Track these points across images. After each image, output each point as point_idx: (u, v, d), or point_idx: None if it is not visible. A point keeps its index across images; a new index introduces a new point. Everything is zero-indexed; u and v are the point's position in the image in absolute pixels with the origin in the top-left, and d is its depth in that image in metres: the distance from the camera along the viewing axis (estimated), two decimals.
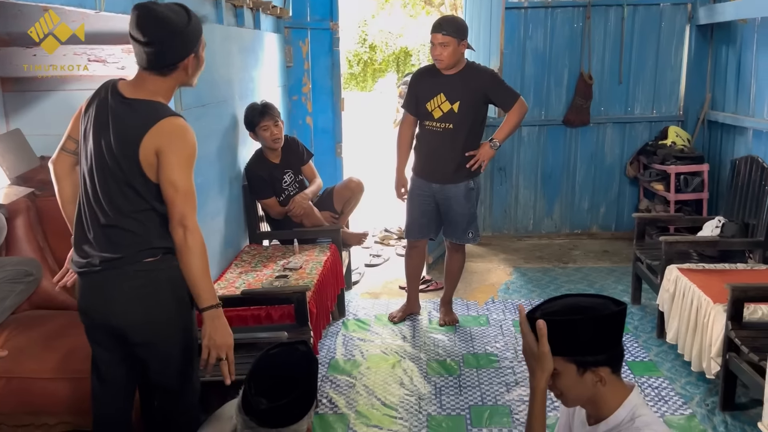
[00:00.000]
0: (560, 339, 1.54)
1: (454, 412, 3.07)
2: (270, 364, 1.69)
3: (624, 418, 1.57)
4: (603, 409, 1.59)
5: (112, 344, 2.15)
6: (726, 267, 3.55)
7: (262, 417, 1.57)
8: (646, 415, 1.56)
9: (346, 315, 4.20)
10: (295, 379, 1.62)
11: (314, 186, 4.18)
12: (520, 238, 5.80)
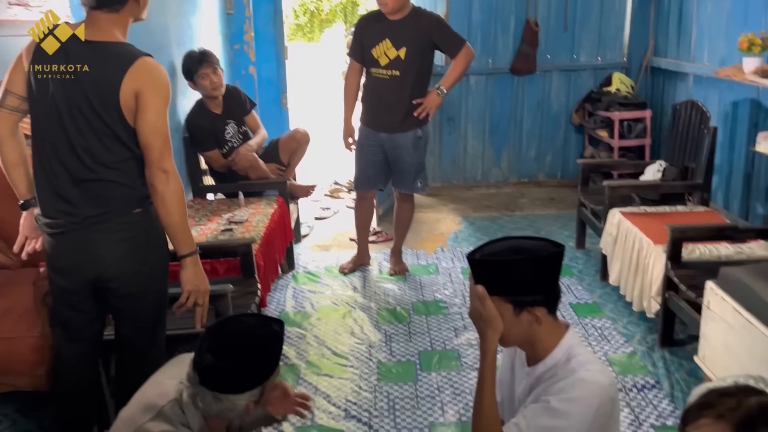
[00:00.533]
0: (498, 279, 1.54)
1: (404, 359, 3.10)
2: (235, 327, 1.61)
3: (560, 358, 1.59)
4: (540, 350, 1.61)
5: (89, 303, 2.11)
6: (666, 209, 3.64)
7: (203, 373, 1.52)
8: (582, 354, 1.58)
9: (296, 268, 4.16)
10: (251, 349, 1.54)
11: (259, 137, 4.08)
12: (469, 188, 5.83)
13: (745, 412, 1.00)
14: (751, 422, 0.98)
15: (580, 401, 1.48)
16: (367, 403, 2.75)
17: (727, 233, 2.97)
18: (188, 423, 1.53)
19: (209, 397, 1.51)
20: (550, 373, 1.60)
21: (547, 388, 1.57)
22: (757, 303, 2.16)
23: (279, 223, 3.70)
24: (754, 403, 1.00)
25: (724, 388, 1.06)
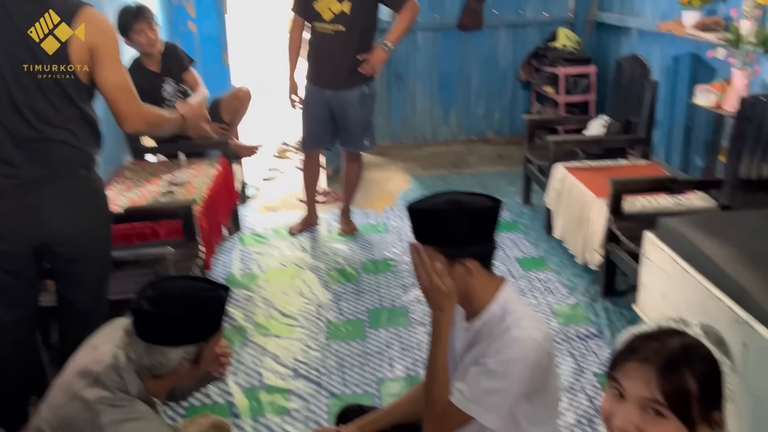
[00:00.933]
0: (434, 230, 1.53)
1: (353, 317, 3.10)
2: (180, 284, 1.57)
3: (496, 313, 1.60)
4: (476, 305, 1.61)
5: (31, 268, 2.04)
6: (609, 163, 3.70)
7: (138, 321, 1.47)
8: (517, 309, 1.59)
9: (243, 230, 4.09)
10: (190, 304, 1.50)
11: (199, 95, 3.93)
12: (419, 147, 5.80)
13: (669, 353, 1.01)
14: (675, 362, 1.00)
15: (516, 360, 1.51)
16: (316, 362, 2.75)
17: (666, 185, 3.03)
18: (126, 388, 1.48)
19: (141, 348, 1.46)
20: (488, 328, 1.61)
21: (484, 348, 1.58)
22: (693, 252, 2.22)
23: (222, 185, 3.61)
24: (677, 344, 1.02)
25: (648, 332, 1.07)
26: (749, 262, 2.04)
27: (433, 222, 1.54)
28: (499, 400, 1.54)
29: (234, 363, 2.75)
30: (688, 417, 0.99)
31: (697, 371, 0.99)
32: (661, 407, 0.99)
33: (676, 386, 0.99)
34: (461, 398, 1.57)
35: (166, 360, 1.47)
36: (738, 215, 2.63)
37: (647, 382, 1.00)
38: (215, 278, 3.46)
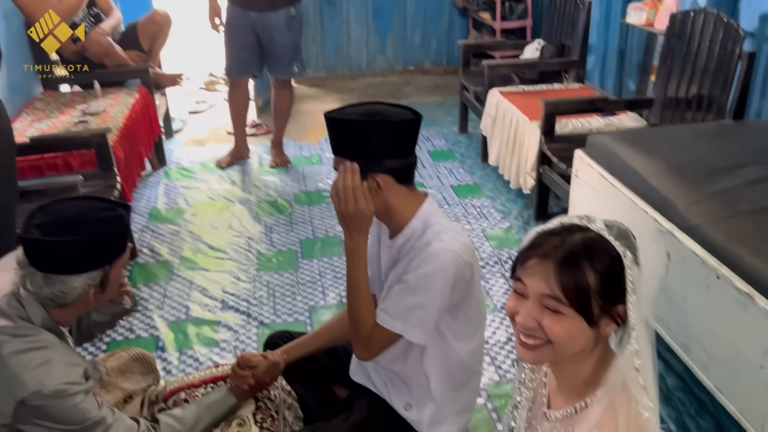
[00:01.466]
0: (349, 140, 1.46)
1: (285, 248, 3.02)
2: (71, 205, 1.43)
3: (417, 228, 1.55)
4: (397, 221, 1.56)
5: None
6: (543, 88, 3.66)
7: (30, 251, 1.34)
8: (437, 223, 1.54)
9: (168, 164, 3.91)
10: (85, 226, 1.37)
11: (112, 20, 3.67)
12: (354, 78, 5.64)
13: (568, 248, 0.99)
14: (574, 257, 0.98)
15: (436, 274, 1.47)
16: (245, 293, 2.67)
17: (597, 106, 3.01)
18: (28, 316, 1.37)
19: (39, 279, 1.34)
20: (409, 244, 1.56)
21: (406, 265, 1.54)
22: (620, 167, 2.21)
23: (142, 114, 3.41)
24: (577, 239, 0.99)
25: (551, 229, 1.04)
26: (673, 174, 2.04)
27: (348, 132, 1.46)
28: (423, 315, 1.51)
29: (159, 297, 2.65)
30: (588, 311, 0.97)
31: (597, 265, 0.97)
32: (560, 303, 0.97)
33: (574, 281, 0.97)
34: (385, 317, 1.54)
35: (69, 289, 1.36)
36: (664, 130, 2.64)
37: (546, 278, 0.98)
38: (138, 212, 3.30)
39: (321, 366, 1.96)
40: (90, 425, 1.37)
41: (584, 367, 1.04)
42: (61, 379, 1.32)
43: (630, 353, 0.98)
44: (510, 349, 2.32)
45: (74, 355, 1.45)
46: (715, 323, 1.71)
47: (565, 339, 0.99)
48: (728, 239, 1.72)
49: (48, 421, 1.34)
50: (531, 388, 1.22)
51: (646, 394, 0.99)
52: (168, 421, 1.54)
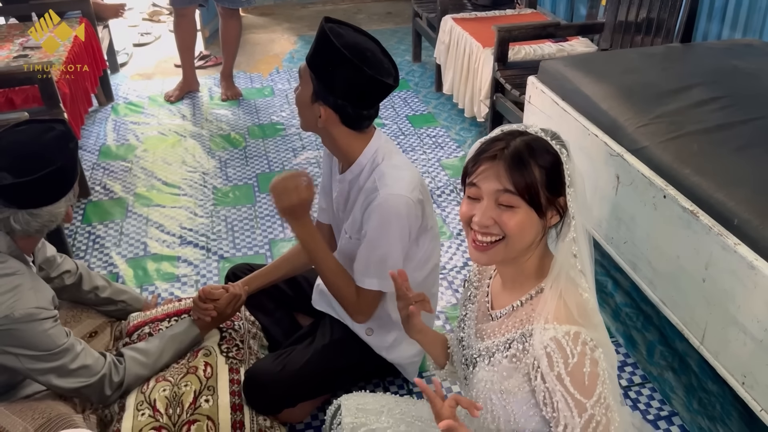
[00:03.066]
0: (322, 59, 1.47)
1: (241, 182, 3.00)
2: (18, 139, 1.41)
3: (365, 164, 1.58)
4: (347, 154, 1.59)
5: None
6: (496, 14, 3.64)
7: (7, 194, 1.34)
8: (385, 161, 1.57)
9: (115, 99, 3.78)
10: (47, 152, 1.38)
11: None
12: (304, 5, 5.49)
13: (514, 149, 1.07)
14: (521, 156, 1.06)
15: (389, 222, 1.53)
16: (203, 229, 2.66)
17: (549, 31, 3.01)
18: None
19: (25, 216, 1.37)
20: (359, 181, 1.60)
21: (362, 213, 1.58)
22: (572, 91, 2.24)
23: (86, 48, 3.26)
24: (520, 141, 1.08)
25: (494, 136, 1.13)
26: (623, 97, 2.08)
27: (326, 53, 1.46)
28: (392, 264, 1.56)
29: (115, 235, 2.62)
30: (537, 203, 1.06)
31: (540, 161, 1.07)
32: (512, 197, 1.06)
33: (524, 177, 1.05)
34: (361, 278, 1.61)
35: (55, 215, 1.42)
36: (614, 54, 2.67)
37: (498, 177, 1.06)
38: (88, 150, 3.21)
39: (283, 296, 2.00)
40: (59, 352, 1.39)
41: (530, 261, 1.14)
42: (30, 303, 1.34)
43: (569, 241, 1.09)
44: (466, 274, 2.39)
45: (41, 282, 1.46)
46: (661, 241, 1.79)
47: (518, 231, 1.08)
48: (674, 160, 1.78)
49: (18, 347, 1.36)
50: (476, 302, 1.29)
51: (583, 277, 1.10)
52: (132, 354, 1.57)
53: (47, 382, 1.43)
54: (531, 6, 3.71)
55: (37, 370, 1.41)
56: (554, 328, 1.05)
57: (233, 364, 1.75)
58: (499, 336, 1.16)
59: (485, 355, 1.17)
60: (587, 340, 1.04)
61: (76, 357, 1.45)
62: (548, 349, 1.04)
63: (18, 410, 1.50)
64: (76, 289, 1.85)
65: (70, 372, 1.44)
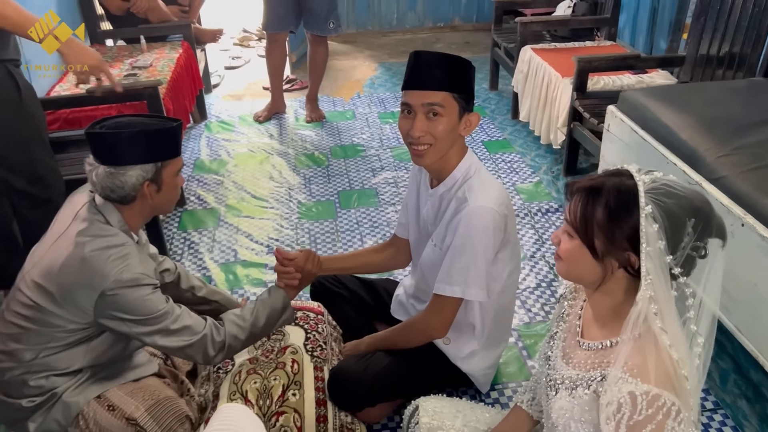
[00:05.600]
0: (449, 74, 1.58)
1: (324, 198, 3.17)
2: (129, 118, 1.60)
3: (458, 178, 1.68)
4: (446, 167, 1.69)
5: None
6: (575, 45, 3.71)
7: (93, 144, 1.50)
8: (475, 177, 1.67)
9: (209, 117, 4.05)
10: (141, 126, 1.54)
11: None
12: (385, 34, 5.70)
13: (597, 184, 1.11)
14: (595, 192, 1.10)
15: (476, 232, 1.63)
16: (288, 239, 2.83)
17: (629, 63, 3.07)
18: (106, 220, 1.55)
19: (102, 171, 1.51)
20: (450, 194, 1.70)
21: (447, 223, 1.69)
22: (651, 122, 2.30)
23: (186, 69, 3.53)
24: (613, 180, 1.10)
25: (609, 170, 1.16)
26: (703, 128, 2.13)
27: (460, 68, 1.59)
28: (475, 273, 1.65)
29: (208, 241, 2.82)
30: (591, 241, 1.10)
31: (609, 204, 1.08)
32: (571, 227, 1.13)
33: (584, 210, 1.10)
34: (443, 286, 1.70)
35: (125, 179, 1.51)
36: (696, 86, 2.70)
37: (571, 208, 1.14)
38: (184, 163, 3.46)
39: (364, 304, 2.12)
40: (160, 315, 1.53)
41: (611, 300, 1.16)
42: (137, 269, 1.50)
43: (645, 299, 1.06)
44: (540, 294, 2.46)
45: (146, 256, 1.62)
46: (738, 268, 1.81)
47: (566, 257, 1.15)
48: (753, 190, 1.82)
49: (123, 312, 1.50)
50: (568, 321, 1.35)
51: (665, 335, 1.07)
52: (230, 317, 1.70)
53: (154, 343, 1.56)
54: (610, 38, 3.77)
55: (143, 333, 1.54)
56: (636, 384, 1.05)
57: (317, 362, 1.88)
58: (583, 370, 1.19)
59: (568, 386, 1.21)
60: (665, 404, 1.04)
61: (177, 318, 1.57)
62: (622, 399, 1.06)
63: (129, 391, 1.67)
64: (175, 287, 2.01)
65: (172, 332, 1.56)
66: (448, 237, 1.70)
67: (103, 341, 1.61)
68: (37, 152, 2.17)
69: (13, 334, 1.56)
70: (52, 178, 2.23)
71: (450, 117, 1.59)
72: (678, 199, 1.06)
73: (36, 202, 2.20)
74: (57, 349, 1.57)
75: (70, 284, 1.50)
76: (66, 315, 1.52)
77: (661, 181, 1.08)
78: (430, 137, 1.60)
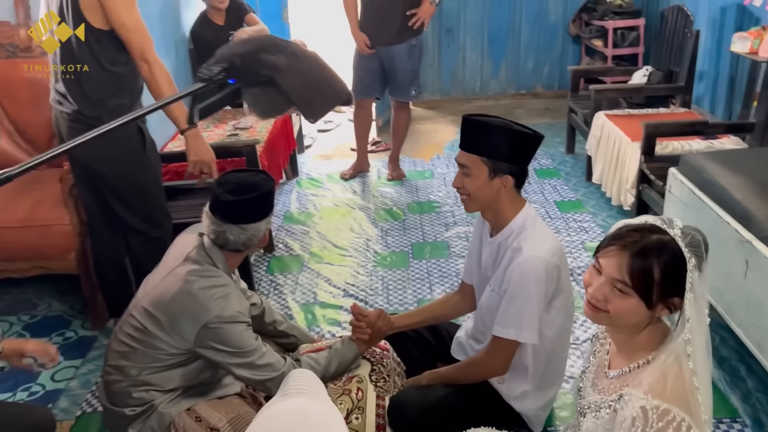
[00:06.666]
0: (485, 141, 1.77)
1: (398, 249, 3.40)
2: (236, 176, 1.89)
3: (515, 229, 1.86)
4: (501, 220, 1.87)
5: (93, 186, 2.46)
6: (649, 111, 3.83)
7: (227, 211, 1.77)
8: (530, 228, 1.83)
9: (300, 175, 4.42)
10: (257, 184, 1.82)
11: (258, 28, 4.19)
12: (468, 100, 5.98)
13: (643, 244, 1.22)
14: (646, 253, 1.21)
15: (529, 280, 1.78)
16: (363, 285, 3.07)
17: (697, 128, 3.17)
18: (213, 261, 1.82)
19: (236, 230, 1.78)
20: (507, 243, 1.87)
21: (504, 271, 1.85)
22: (708, 183, 2.40)
23: (282, 131, 3.92)
24: (653, 238, 1.23)
25: (635, 225, 1.28)
26: (757, 189, 2.21)
27: (486, 134, 1.77)
28: (528, 317, 1.81)
29: (292, 284, 3.10)
30: (649, 297, 1.22)
31: (662, 263, 1.20)
32: (626, 287, 1.22)
33: (643, 272, 1.21)
34: (500, 328, 1.86)
35: (257, 232, 1.82)
36: (755, 151, 2.77)
37: (620, 266, 1.23)
38: (275, 215, 3.80)
39: (427, 344, 2.30)
40: (250, 350, 1.78)
41: (638, 336, 1.29)
42: (235, 308, 1.75)
43: (683, 340, 1.20)
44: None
45: (242, 295, 1.88)
46: None
47: (621, 314, 1.26)
48: None
49: (220, 344, 1.75)
50: (598, 357, 1.48)
51: (695, 376, 1.20)
52: (307, 359, 1.93)
53: (240, 374, 1.80)
54: (684, 105, 3.86)
55: (232, 364, 1.77)
56: (647, 400, 1.18)
57: (380, 392, 2.06)
58: (607, 395, 1.32)
59: (594, 409, 1.35)
60: (675, 419, 1.15)
61: (262, 355, 1.81)
62: (634, 414, 1.18)
63: (214, 405, 1.92)
64: (260, 320, 2.26)
65: (257, 367, 1.79)
66: (504, 283, 1.86)
67: (197, 366, 1.86)
68: (153, 197, 2.51)
69: (123, 352, 1.82)
70: (162, 220, 2.56)
71: (477, 177, 1.79)
72: (698, 247, 1.21)
73: (147, 240, 2.52)
74: (158, 369, 1.81)
75: (177, 315, 1.75)
76: (170, 341, 1.77)
77: (686, 231, 1.22)
78: (465, 190, 1.81)
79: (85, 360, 2.63)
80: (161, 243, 2.50)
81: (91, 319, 2.83)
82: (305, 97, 1.43)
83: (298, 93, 1.39)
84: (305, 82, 1.44)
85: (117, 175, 2.39)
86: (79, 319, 2.87)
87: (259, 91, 1.43)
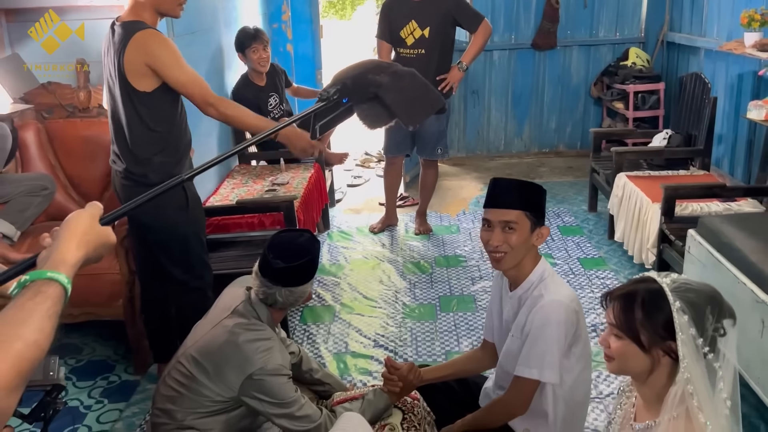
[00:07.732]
0: (529, 198, 1.92)
1: (426, 302, 3.53)
2: (284, 239, 2.03)
3: (534, 281, 1.99)
4: (522, 272, 2.00)
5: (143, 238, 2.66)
6: (669, 173, 3.97)
7: (278, 276, 1.90)
8: (548, 278, 1.96)
9: (331, 228, 4.61)
10: (304, 248, 1.96)
11: None
12: (492, 158, 6.18)
13: (629, 291, 1.36)
14: (631, 298, 1.35)
15: (551, 322, 1.89)
16: (393, 336, 3.19)
17: (715, 191, 3.30)
18: (258, 316, 1.96)
19: (285, 292, 1.92)
20: (527, 294, 2.00)
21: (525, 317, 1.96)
22: (725, 245, 2.52)
23: (315, 186, 4.13)
24: (641, 287, 1.36)
25: (635, 278, 1.43)
26: None
27: (522, 190, 1.94)
28: (550, 358, 1.92)
29: (324, 334, 3.23)
30: (637, 337, 1.33)
31: (641, 302, 1.32)
32: (617, 329, 1.36)
33: (624, 310, 1.35)
34: (522, 368, 1.96)
35: (303, 293, 1.96)
36: None
37: (612, 315, 1.39)
38: None
39: (455, 395, 2.40)
40: (290, 402, 1.90)
41: (654, 387, 1.39)
42: (278, 361, 1.88)
43: (683, 380, 1.28)
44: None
45: (284, 348, 2.02)
46: None
47: (617, 355, 1.37)
48: None
49: (263, 394, 1.88)
50: (624, 409, 1.59)
51: (701, 413, 1.28)
52: (341, 411, 2.05)
53: (280, 424, 1.92)
54: (704, 168, 3.99)
55: (273, 414, 1.90)
56: None
57: None
58: None
59: None
60: None
61: (301, 407, 1.93)
62: None
63: None
64: (297, 368, 2.38)
65: (296, 418, 1.91)
66: (526, 326, 1.98)
67: (239, 414, 1.97)
68: (194, 249, 2.66)
69: (170, 397, 1.95)
70: (203, 271, 2.71)
71: (522, 231, 1.93)
72: (696, 293, 1.31)
73: (187, 289, 2.66)
74: (202, 415, 1.93)
75: (223, 364, 1.88)
76: (215, 388, 1.89)
77: (679, 281, 1.34)
78: (506, 246, 1.94)
79: (129, 403, 2.76)
80: (202, 293, 2.67)
81: (135, 364, 2.97)
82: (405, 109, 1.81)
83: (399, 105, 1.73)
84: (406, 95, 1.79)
85: (161, 228, 2.57)
86: (122, 364, 3.02)
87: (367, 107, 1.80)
